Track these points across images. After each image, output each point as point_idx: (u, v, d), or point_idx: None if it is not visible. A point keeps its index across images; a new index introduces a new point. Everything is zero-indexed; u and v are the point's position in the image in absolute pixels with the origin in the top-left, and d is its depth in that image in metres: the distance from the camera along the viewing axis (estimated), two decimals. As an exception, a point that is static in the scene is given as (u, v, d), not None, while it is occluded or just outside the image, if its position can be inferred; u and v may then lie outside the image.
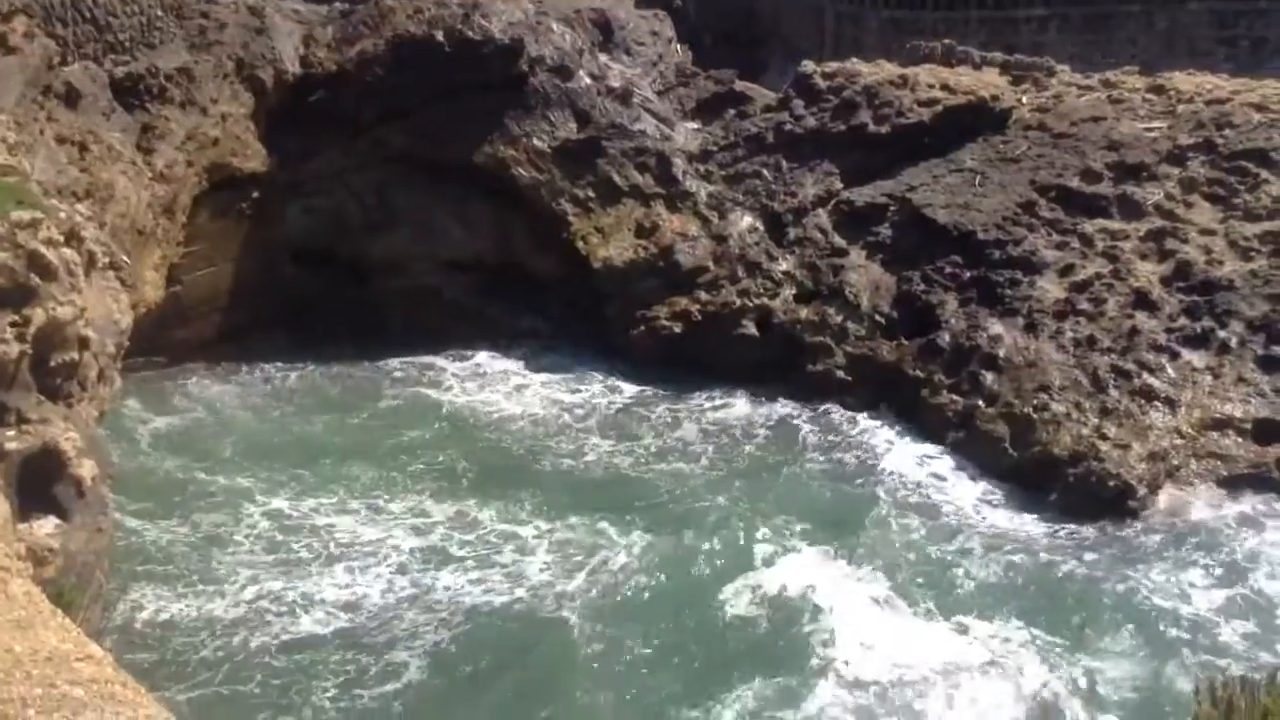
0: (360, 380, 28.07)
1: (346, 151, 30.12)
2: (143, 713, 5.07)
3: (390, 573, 19.98)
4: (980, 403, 25.34)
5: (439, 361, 28.93)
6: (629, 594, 19.72)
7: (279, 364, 28.35)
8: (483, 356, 29.15)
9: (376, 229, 30.55)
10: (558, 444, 25.30)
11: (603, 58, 34.04)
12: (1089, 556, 20.88)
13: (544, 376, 28.42)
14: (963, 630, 18.87)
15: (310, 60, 30.02)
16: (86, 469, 17.22)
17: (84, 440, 17.68)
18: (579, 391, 27.77)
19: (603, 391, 27.80)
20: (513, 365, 28.91)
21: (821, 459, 24.85)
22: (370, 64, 30.06)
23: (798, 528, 21.80)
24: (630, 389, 27.88)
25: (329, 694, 17.00)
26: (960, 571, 20.58)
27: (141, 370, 26.21)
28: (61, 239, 19.11)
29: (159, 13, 27.69)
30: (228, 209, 28.28)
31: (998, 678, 17.64)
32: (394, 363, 28.77)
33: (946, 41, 36.18)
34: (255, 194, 28.61)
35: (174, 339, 27.37)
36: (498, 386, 28.00)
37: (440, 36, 30.52)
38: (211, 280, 28.31)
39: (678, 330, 28.93)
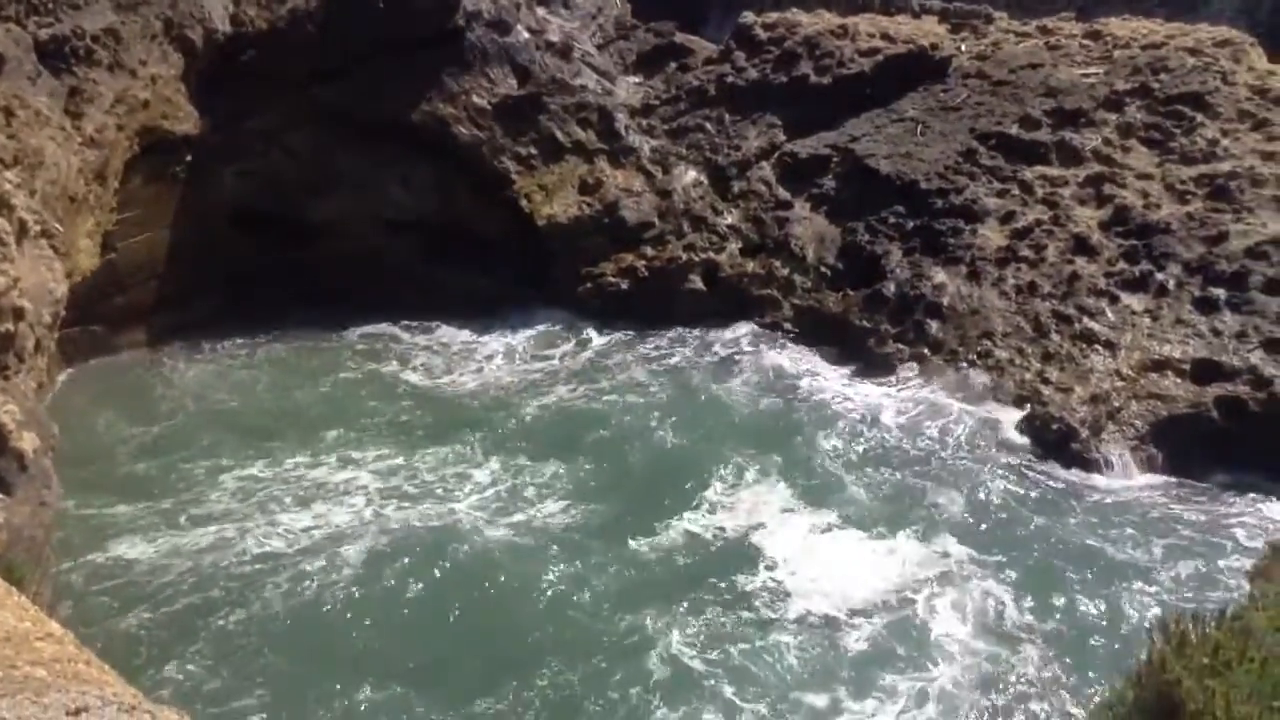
0: (324, 354, 27.74)
1: (281, 112, 29.47)
2: (109, 690, 4.97)
3: (358, 505, 21.02)
4: (926, 350, 25.64)
5: (397, 331, 28.78)
6: (574, 518, 20.50)
7: (240, 340, 27.90)
8: (438, 322, 28.93)
9: (315, 191, 29.99)
10: (520, 399, 25.43)
11: (541, 11, 33.64)
12: (1035, 494, 21.30)
13: (501, 336, 28.37)
14: (912, 555, 19.37)
15: (241, 18, 29.24)
16: (27, 442, 16.84)
17: (24, 413, 17.29)
18: (539, 352, 27.73)
19: (559, 350, 27.72)
20: (469, 331, 28.67)
21: (771, 395, 25.23)
22: (303, 21, 29.36)
23: (748, 459, 22.33)
24: (585, 343, 27.87)
25: (280, 589, 18.30)
26: (907, 499, 21.09)
27: (88, 355, 26.02)
28: (-10, 208, 18.59)
29: (82, -29, 26.80)
30: (161, 173, 27.58)
31: (947, 605, 18.03)
32: (354, 334, 28.52)
33: (885, -10, 36.22)
34: (189, 157, 27.93)
35: (111, 307, 26.76)
36: (458, 350, 27.92)
37: (374, -8, 29.85)
38: (147, 246, 27.64)
39: (624, 287, 28.87)
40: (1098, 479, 21.85)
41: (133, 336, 27.38)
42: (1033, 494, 21.38)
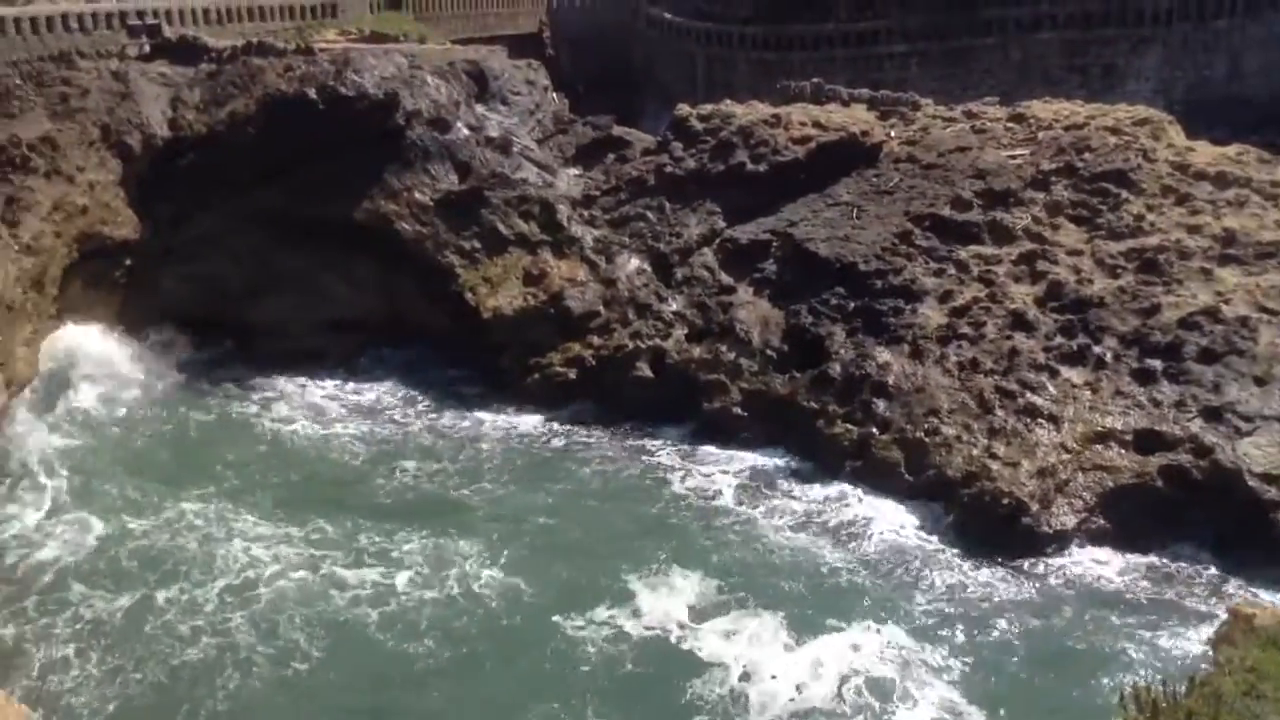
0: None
1: (222, 214, 29.45)
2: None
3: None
4: (874, 430, 25.74)
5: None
6: (485, 604, 20.62)
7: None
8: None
9: (256, 292, 29.87)
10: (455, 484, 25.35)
11: (479, 108, 34.09)
12: (982, 574, 21.36)
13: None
14: (855, 648, 19.12)
15: (179, 123, 29.36)
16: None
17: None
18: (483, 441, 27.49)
19: (504, 438, 27.57)
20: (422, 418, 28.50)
21: (690, 485, 25.27)
22: (243, 124, 29.54)
23: (667, 552, 22.29)
24: (526, 431, 27.81)
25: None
26: (845, 588, 21.04)
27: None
28: (-73, 320, 18.26)
29: (17, 81, 26.83)
30: (101, 279, 27.37)
31: (898, 696, 17.85)
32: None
33: (815, 80, 37.13)
34: (129, 262, 27.76)
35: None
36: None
37: (313, 94, 30.17)
38: (86, 353, 27.29)
39: (572, 376, 28.87)
40: (1045, 557, 21.90)
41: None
42: (977, 572, 21.40)
